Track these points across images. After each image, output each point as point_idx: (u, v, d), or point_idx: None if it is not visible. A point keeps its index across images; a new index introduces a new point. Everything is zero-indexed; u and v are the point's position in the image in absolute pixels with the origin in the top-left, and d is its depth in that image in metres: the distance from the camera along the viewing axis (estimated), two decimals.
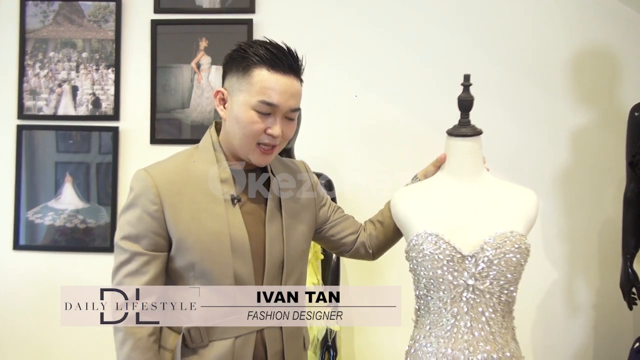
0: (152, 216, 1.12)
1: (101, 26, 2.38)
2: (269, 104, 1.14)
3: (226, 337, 1.15)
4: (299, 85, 1.20)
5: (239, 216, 1.17)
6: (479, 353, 1.17)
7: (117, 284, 1.14)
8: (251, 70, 1.14)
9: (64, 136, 2.37)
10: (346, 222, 1.42)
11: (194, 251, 1.13)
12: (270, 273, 1.20)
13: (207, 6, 2.38)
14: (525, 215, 1.25)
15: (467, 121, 1.32)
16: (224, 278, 1.14)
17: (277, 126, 1.16)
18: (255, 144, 1.16)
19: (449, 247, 1.18)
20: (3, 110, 2.39)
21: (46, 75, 2.38)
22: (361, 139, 2.35)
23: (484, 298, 1.18)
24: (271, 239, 1.20)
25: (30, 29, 2.38)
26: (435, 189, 1.32)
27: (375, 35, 2.35)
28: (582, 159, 2.32)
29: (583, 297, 2.32)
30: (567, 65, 2.32)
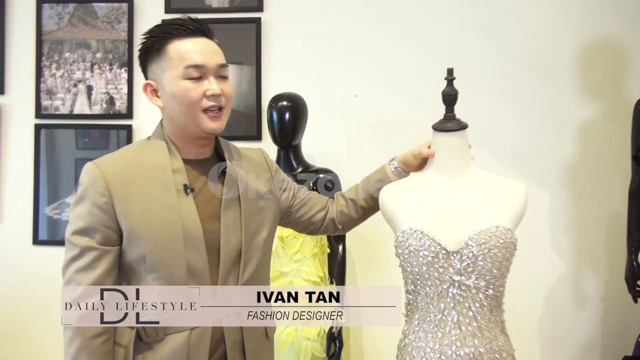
0: (102, 209, 1.11)
1: (114, 27, 2.45)
2: (195, 66, 1.14)
3: (182, 330, 1.14)
4: (214, 44, 1.20)
5: (192, 206, 1.15)
6: (466, 347, 1.19)
7: (68, 280, 1.12)
8: (164, 48, 1.15)
9: (83, 134, 2.45)
10: (311, 201, 1.43)
11: (145, 242, 1.11)
12: (226, 263, 1.18)
13: (217, 5, 2.42)
14: (513, 209, 1.26)
15: (452, 115, 1.33)
16: (176, 270, 1.12)
17: (214, 84, 1.15)
18: (200, 111, 1.16)
19: (433, 244, 1.19)
20: (22, 110, 2.47)
21: (62, 75, 2.45)
22: (369, 135, 2.38)
23: (470, 293, 1.19)
24: (227, 227, 1.19)
25: (47, 30, 2.46)
26: (421, 185, 1.33)
27: (382, 32, 2.37)
28: (589, 153, 2.31)
29: (591, 290, 2.32)
30: (574, 59, 2.31)
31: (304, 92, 2.19)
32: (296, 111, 2.03)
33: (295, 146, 2.08)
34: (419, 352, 1.24)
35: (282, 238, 1.90)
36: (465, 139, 1.34)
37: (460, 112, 2.26)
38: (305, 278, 1.90)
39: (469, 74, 2.33)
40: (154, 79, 1.18)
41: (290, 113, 2.01)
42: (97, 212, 1.11)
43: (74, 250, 1.12)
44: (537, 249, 2.32)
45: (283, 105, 2.02)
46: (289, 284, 1.89)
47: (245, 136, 2.38)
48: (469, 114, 2.27)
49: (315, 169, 2.08)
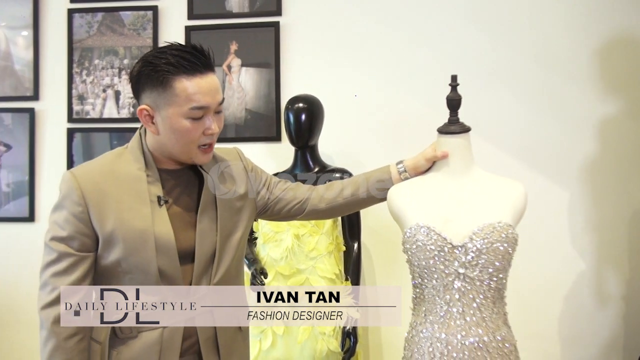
0: (78, 217, 1.15)
1: (140, 34, 2.55)
2: (200, 108, 1.17)
3: (155, 328, 1.19)
4: (216, 78, 1.21)
5: (165, 216, 1.19)
6: (471, 337, 1.24)
7: (44, 283, 1.16)
8: (170, 83, 1.15)
9: (116, 136, 2.56)
10: (288, 196, 1.44)
11: (119, 249, 1.16)
12: (200, 267, 1.23)
13: (237, 11, 2.50)
14: (513, 207, 1.31)
15: (455, 119, 1.38)
16: (147, 275, 1.17)
17: (214, 124, 1.20)
18: (196, 147, 1.20)
19: (439, 238, 1.25)
20: (55, 115, 2.61)
21: (92, 81, 2.58)
22: (385, 134, 2.41)
23: (474, 285, 1.24)
24: (202, 234, 1.23)
25: (77, 39, 2.59)
26: (427, 185, 1.39)
27: (397, 35, 2.41)
28: (609, 150, 2.29)
29: (612, 289, 2.30)
30: (594, 55, 2.30)
31: (321, 93, 2.24)
32: (312, 112, 2.08)
33: (312, 146, 2.13)
34: (426, 342, 1.29)
35: (298, 236, 1.96)
36: (468, 141, 1.39)
37: (479, 111, 2.30)
38: (321, 275, 1.95)
39: (488, 72, 2.35)
40: (152, 107, 1.18)
41: (307, 114, 2.07)
42: (73, 221, 1.16)
43: (51, 255, 1.16)
44: (556, 247, 2.32)
45: (299, 107, 2.07)
46: (305, 280, 1.94)
47: (265, 137, 2.46)
48: (487, 112, 2.32)
49: (332, 169, 2.13)
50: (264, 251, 2.01)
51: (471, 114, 2.30)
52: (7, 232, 2.61)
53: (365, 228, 2.22)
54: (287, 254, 1.95)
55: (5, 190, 2.62)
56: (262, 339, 1.92)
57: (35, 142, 2.60)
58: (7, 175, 2.62)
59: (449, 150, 1.37)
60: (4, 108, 2.62)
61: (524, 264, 2.30)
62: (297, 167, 2.13)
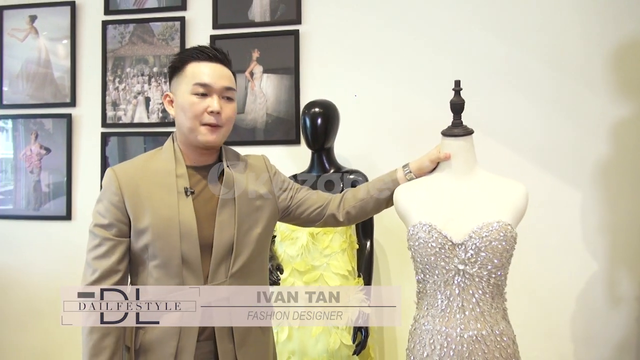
0: (116, 206, 1.31)
1: (168, 43, 2.71)
2: (202, 85, 1.33)
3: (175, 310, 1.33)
4: (227, 70, 1.39)
5: (190, 205, 1.34)
6: (470, 330, 1.31)
7: (87, 265, 1.33)
8: (185, 67, 1.36)
9: (151, 139, 2.72)
10: (309, 201, 1.57)
11: (147, 235, 1.31)
12: (218, 255, 1.35)
13: (259, 20, 2.62)
14: (513, 207, 1.38)
15: (459, 122, 1.46)
16: (172, 259, 1.31)
17: (215, 102, 1.34)
18: (199, 124, 1.35)
19: (440, 236, 1.33)
20: (91, 120, 2.78)
21: (124, 88, 2.74)
22: (401, 137, 2.49)
23: (473, 281, 1.31)
24: (221, 224, 1.36)
25: (111, 48, 2.76)
26: (431, 185, 1.47)
27: (412, 40, 2.49)
28: (622, 152, 2.32)
29: (625, 290, 2.32)
30: (607, 58, 2.33)
31: (339, 98, 2.34)
32: (327, 117, 2.18)
33: (327, 149, 2.23)
34: (427, 334, 1.37)
35: (313, 235, 2.06)
36: (471, 143, 1.46)
37: (493, 113, 2.36)
38: (335, 272, 2.04)
39: (502, 75, 2.41)
40: (173, 91, 1.40)
41: (322, 119, 2.16)
42: (112, 209, 1.32)
43: (94, 240, 1.33)
44: (570, 248, 2.36)
45: (315, 112, 2.17)
46: (320, 277, 2.04)
47: (285, 140, 2.57)
48: (501, 114, 2.38)
49: (346, 170, 2.22)
50: (281, 248, 2.12)
51: (485, 117, 2.40)
52: (47, 229, 2.81)
53: (381, 227, 2.31)
54: (303, 251, 2.05)
55: (45, 190, 2.81)
56: (278, 332, 2.03)
57: (72, 146, 2.79)
58: (47, 176, 2.82)
59: (452, 152, 1.45)
60: (45, 114, 2.81)
61: (538, 264, 2.37)
62: (313, 168, 2.24)
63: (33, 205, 2.82)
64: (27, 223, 2.83)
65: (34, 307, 2.81)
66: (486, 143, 2.41)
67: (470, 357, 1.29)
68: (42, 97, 2.83)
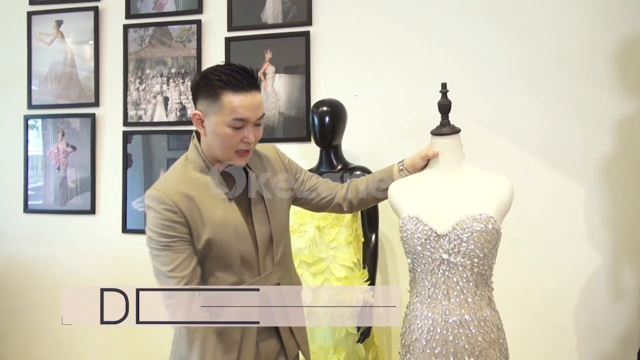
0: (177, 222, 1.36)
1: (185, 45, 2.83)
2: (240, 120, 1.37)
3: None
4: (259, 97, 1.41)
5: (235, 208, 1.44)
6: (454, 316, 1.40)
7: (165, 279, 1.37)
8: (219, 96, 1.36)
9: (174, 137, 2.85)
10: (320, 189, 1.69)
11: (208, 242, 1.39)
12: (263, 248, 1.47)
13: (272, 22, 2.73)
14: (498, 200, 1.45)
15: (446, 122, 1.55)
16: (232, 259, 1.42)
17: (251, 134, 1.40)
18: (234, 152, 1.41)
19: (426, 228, 1.42)
20: (113, 119, 2.94)
21: (144, 89, 2.88)
22: (409, 135, 2.55)
23: (457, 270, 1.40)
24: (258, 221, 1.47)
25: (131, 51, 2.90)
26: (421, 181, 1.57)
27: (420, 39, 2.56)
28: (626, 148, 2.35)
29: (629, 283, 2.36)
30: (612, 55, 2.36)
31: (349, 97, 2.43)
32: (335, 115, 2.27)
33: (335, 146, 2.32)
34: (415, 320, 1.47)
35: (320, 228, 2.16)
36: (459, 141, 1.55)
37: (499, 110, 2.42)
38: (341, 263, 2.14)
39: (508, 73, 2.47)
40: (203, 112, 1.40)
41: (330, 117, 2.26)
42: (174, 225, 1.36)
43: (165, 256, 1.36)
44: (574, 243, 2.40)
45: (323, 110, 2.27)
46: (326, 268, 2.14)
47: (296, 138, 2.68)
48: (506, 111, 2.44)
49: (353, 167, 2.32)
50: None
51: (491, 114, 2.46)
52: (74, 223, 2.98)
53: (387, 220, 2.39)
54: (310, 244, 2.16)
55: (71, 186, 2.98)
56: None
57: (96, 144, 2.94)
58: (73, 172, 2.98)
59: (441, 149, 1.54)
60: (71, 114, 2.98)
61: (542, 258, 2.43)
62: (322, 165, 2.33)
63: (60, 200, 2.98)
64: (54, 217, 3.00)
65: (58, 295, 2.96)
66: (492, 140, 2.48)
67: (454, 341, 1.38)
68: (68, 98, 2.99)
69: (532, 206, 2.42)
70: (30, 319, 3.04)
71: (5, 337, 3.07)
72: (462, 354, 1.37)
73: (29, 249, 3.03)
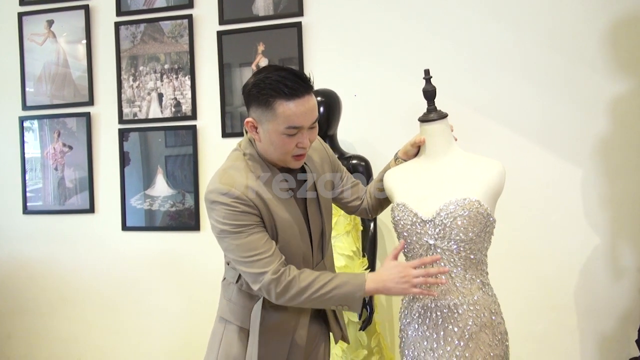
0: (250, 212, 1.36)
1: (177, 41, 2.83)
2: (295, 127, 1.35)
3: None
4: (313, 100, 1.38)
5: (296, 205, 1.45)
6: (443, 299, 1.42)
7: (250, 263, 1.36)
8: (272, 104, 1.33)
9: (171, 134, 2.85)
10: (354, 189, 1.70)
11: (277, 237, 1.41)
12: (316, 242, 1.50)
13: (263, 14, 2.72)
14: (485, 184, 1.43)
15: (433, 108, 1.54)
16: (295, 256, 1.43)
17: (305, 139, 1.38)
18: (290, 157, 1.40)
19: (412, 214, 1.43)
20: (107, 117, 2.94)
21: (138, 86, 2.88)
22: (403, 124, 2.55)
23: (444, 255, 1.41)
24: (313, 216, 1.49)
25: (124, 48, 2.90)
26: (412, 168, 1.57)
27: (412, 27, 2.55)
28: (621, 127, 2.35)
29: (627, 262, 2.36)
30: (605, 35, 2.35)
31: (342, 87, 2.43)
32: (329, 105, 2.27)
33: (331, 136, 2.32)
34: (408, 304, 1.50)
35: None
36: (447, 125, 1.54)
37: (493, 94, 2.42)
38: (340, 252, 2.15)
39: (502, 57, 2.46)
40: (257, 120, 1.38)
41: (324, 107, 2.26)
42: (249, 217, 1.36)
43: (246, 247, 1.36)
44: (571, 224, 2.40)
45: (317, 101, 2.24)
46: None
47: None
48: (501, 95, 2.44)
49: (349, 156, 2.32)
50: None
51: (485, 99, 2.46)
52: (72, 222, 2.99)
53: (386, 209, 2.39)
54: None
55: (70, 186, 2.98)
56: None
57: (92, 143, 2.94)
58: (71, 172, 2.98)
59: (429, 135, 1.54)
60: (66, 113, 2.98)
61: (541, 240, 2.43)
62: None
63: (59, 200, 2.99)
64: (54, 217, 3.01)
65: (60, 294, 3.00)
66: (487, 125, 2.48)
67: (443, 324, 1.39)
68: (62, 97, 2.99)
69: (529, 189, 2.43)
70: (33, 320, 3.05)
71: (8, 338, 3.09)
72: (452, 337, 1.38)
73: (29, 250, 3.05)
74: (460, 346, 1.37)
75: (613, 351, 2.38)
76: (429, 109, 1.54)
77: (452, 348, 1.37)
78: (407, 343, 1.48)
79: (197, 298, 2.82)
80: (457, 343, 1.37)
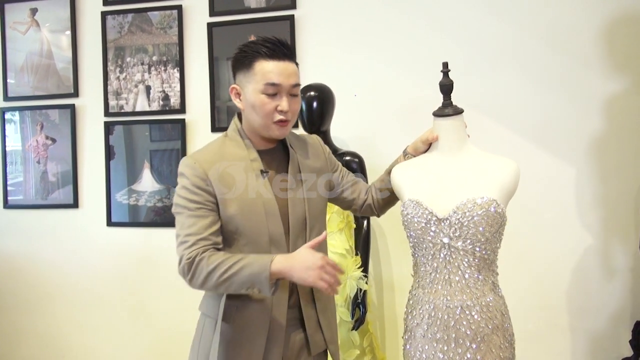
0: (204, 189, 1.37)
1: (166, 32, 2.75)
2: (272, 84, 1.37)
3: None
4: (294, 66, 1.42)
5: (269, 186, 1.42)
6: (455, 300, 1.37)
7: (181, 242, 1.36)
8: (253, 64, 1.38)
9: (156, 127, 2.77)
10: (357, 186, 1.66)
11: (236, 217, 1.38)
12: (295, 229, 1.44)
13: (255, 6, 2.66)
14: (501, 183, 1.41)
15: (449, 103, 1.50)
16: (260, 236, 1.39)
17: (284, 102, 1.39)
18: (271, 122, 1.40)
19: (426, 212, 1.38)
20: (93, 110, 2.85)
21: (125, 77, 2.80)
22: (398, 119, 2.53)
23: (459, 255, 1.37)
24: (293, 202, 1.44)
25: (110, 39, 2.81)
26: (424, 164, 1.52)
27: (407, 21, 2.52)
28: (615, 126, 2.35)
29: (619, 261, 2.37)
30: (600, 33, 2.35)
31: (336, 80, 2.38)
32: (323, 100, 2.22)
33: (324, 132, 2.27)
34: (417, 304, 1.45)
35: None
36: (462, 121, 1.51)
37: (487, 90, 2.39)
38: (333, 251, 2.11)
39: (497, 54, 2.44)
40: (240, 85, 1.43)
41: (318, 102, 2.21)
42: (200, 192, 1.37)
43: (185, 221, 1.36)
44: (563, 223, 2.40)
45: (311, 95, 2.22)
46: None
47: None
48: (496, 92, 2.42)
49: (342, 152, 2.27)
50: None
51: (479, 95, 2.43)
52: (56, 217, 2.90)
53: None
54: None
55: (52, 179, 2.89)
56: None
57: (77, 136, 2.86)
58: (54, 166, 2.89)
59: (444, 131, 1.50)
60: (49, 105, 2.88)
61: (533, 239, 2.42)
62: None
63: (41, 195, 2.90)
64: (36, 212, 2.92)
65: (43, 291, 2.91)
66: (480, 121, 2.45)
67: (455, 326, 1.35)
68: (46, 89, 2.90)
69: (522, 187, 2.36)
70: (16, 316, 2.96)
71: None
72: (464, 340, 1.35)
73: (11, 245, 2.95)
74: (472, 348, 1.34)
75: (604, 351, 2.38)
76: (445, 103, 1.50)
77: (464, 350, 1.34)
78: (414, 344, 1.44)
79: (183, 295, 2.74)
80: (469, 345, 1.34)
